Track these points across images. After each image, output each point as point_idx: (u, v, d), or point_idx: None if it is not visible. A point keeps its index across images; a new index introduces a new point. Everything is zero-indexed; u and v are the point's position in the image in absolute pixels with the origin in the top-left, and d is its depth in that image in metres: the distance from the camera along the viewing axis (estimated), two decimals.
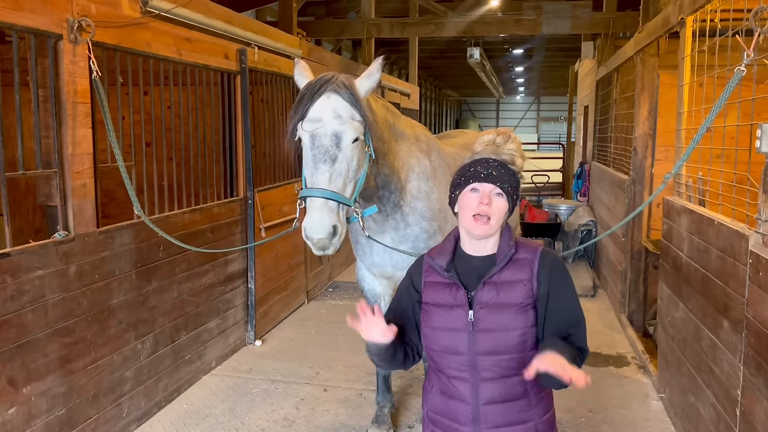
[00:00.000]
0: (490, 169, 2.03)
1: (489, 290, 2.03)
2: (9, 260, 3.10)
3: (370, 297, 3.96)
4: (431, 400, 2.17)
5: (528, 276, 2.05)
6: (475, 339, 2.02)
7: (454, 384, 2.08)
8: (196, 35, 4.72)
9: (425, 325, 2.13)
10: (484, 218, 2.01)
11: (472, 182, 2.04)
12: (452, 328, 2.05)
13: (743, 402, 2.95)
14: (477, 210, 2.01)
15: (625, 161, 6.85)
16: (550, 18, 9.82)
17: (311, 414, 4.40)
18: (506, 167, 2.06)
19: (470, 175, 2.05)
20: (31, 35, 3.25)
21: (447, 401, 2.11)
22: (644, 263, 6.01)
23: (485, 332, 2.02)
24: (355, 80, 2.83)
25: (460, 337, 2.04)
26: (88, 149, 3.63)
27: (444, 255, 2.13)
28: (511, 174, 2.05)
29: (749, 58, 2.95)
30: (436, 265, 2.13)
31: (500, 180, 2.02)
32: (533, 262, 2.06)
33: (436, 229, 3.57)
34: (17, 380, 3.19)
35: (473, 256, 2.10)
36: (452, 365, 2.07)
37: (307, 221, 2.62)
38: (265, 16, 12.23)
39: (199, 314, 4.85)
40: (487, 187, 2.02)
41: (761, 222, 2.85)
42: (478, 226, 2.02)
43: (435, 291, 2.11)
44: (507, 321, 2.01)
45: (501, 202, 2.03)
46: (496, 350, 2.02)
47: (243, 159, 5.48)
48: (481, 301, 2.03)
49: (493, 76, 30.77)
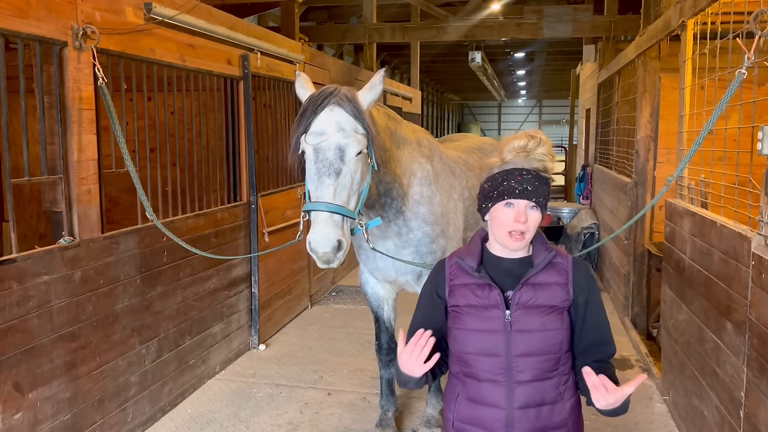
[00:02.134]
0: (525, 184, 1.99)
1: (527, 291, 2.03)
2: (15, 266, 3.11)
3: (373, 301, 3.97)
4: (458, 409, 2.11)
5: (564, 280, 2.06)
6: (511, 340, 2.00)
7: (487, 388, 2.04)
8: (200, 41, 4.75)
9: (457, 328, 2.09)
10: (518, 233, 2.00)
11: (507, 198, 2.00)
12: (488, 329, 2.03)
13: (747, 404, 2.95)
14: (513, 227, 2.00)
15: (627, 164, 6.85)
16: (552, 22, 9.83)
17: (315, 418, 4.41)
18: (540, 178, 2.03)
19: (504, 190, 2.01)
20: (37, 42, 3.27)
21: (477, 408, 2.07)
22: (647, 266, 6.01)
23: (523, 333, 2.01)
24: (358, 93, 2.84)
25: (496, 338, 2.02)
26: (93, 155, 3.65)
27: (472, 256, 2.11)
28: (544, 184, 2.03)
29: (749, 61, 2.96)
30: (466, 266, 2.10)
31: (535, 195, 2.00)
32: (568, 267, 2.08)
33: (438, 233, 3.59)
34: (23, 385, 3.20)
35: (504, 258, 2.10)
36: (486, 368, 2.03)
37: (312, 235, 2.64)
38: (267, 22, 12.28)
39: (203, 319, 4.87)
40: (522, 204, 2.00)
41: (763, 224, 2.85)
42: (513, 242, 2.01)
43: (466, 293, 2.08)
44: (545, 322, 2.01)
45: (536, 215, 2.02)
46: (533, 351, 2.01)
47: (246, 164, 5.50)
48: (518, 302, 2.02)
49: (495, 80, 30.76)
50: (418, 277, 3.64)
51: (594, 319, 2.09)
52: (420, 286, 3.76)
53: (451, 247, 3.75)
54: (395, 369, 2.12)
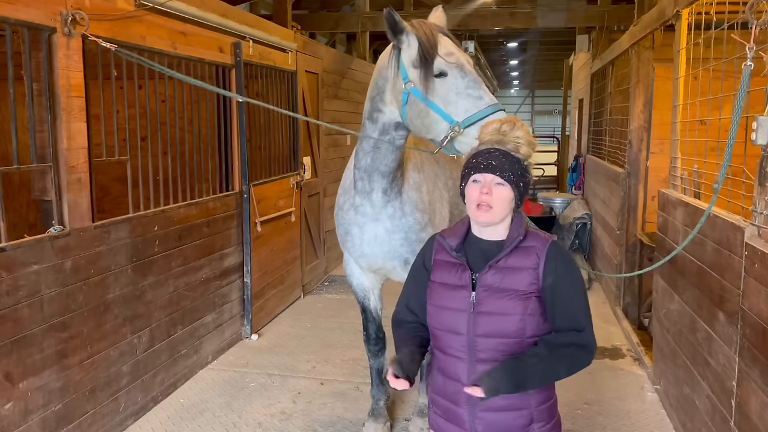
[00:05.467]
0: (490, 159, 2.05)
1: (493, 274, 2.07)
2: (4, 255, 3.08)
3: (359, 292, 3.95)
4: (433, 381, 2.23)
5: (534, 264, 2.07)
6: (475, 321, 2.07)
7: (452, 363, 2.13)
8: (191, 29, 4.69)
9: (430, 302, 2.18)
10: (485, 206, 2.05)
11: (473, 173, 2.08)
12: (454, 308, 2.10)
13: (739, 393, 2.96)
14: (478, 200, 2.06)
15: (620, 154, 6.86)
16: (545, 11, 9.80)
17: (308, 408, 4.41)
18: (509, 156, 2.07)
19: (472, 166, 2.10)
20: (25, 29, 3.22)
21: (445, 381, 2.17)
22: (639, 256, 6.03)
23: (485, 315, 2.06)
24: None
25: (460, 317, 2.09)
26: (83, 143, 3.61)
27: (455, 237, 2.18)
28: (513, 162, 2.06)
29: (752, 51, 2.93)
30: (446, 245, 2.18)
31: (500, 169, 2.04)
32: (541, 251, 2.08)
33: (427, 221, 3.57)
34: (13, 375, 3.18)
35: (484, 239, 2.15)
36: (451, 344, 2.12)
37: None
38: (259, 10, 12.17)
39: (195, 309, 4.85)
40: (488, 177, 2.06)
41: (757, 214, 2.86)
42: (480, 213, 2.06)
43: (442, 270, 2.17)
44: (507, 306, 2.04)
45: (503, 191, 2.05)
46: (493, 333, 2.05)
47: (238, 153, 5.47)
48: (484, 284, 2.07)
49: (488, 70, 30.70)
50: (405, 263, 3.63)
51: (564, 303, 2.06)
52: (407, 272, 3.75)
53: None
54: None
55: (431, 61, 2.82)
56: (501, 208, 2.06)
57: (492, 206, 2.04)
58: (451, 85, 2.82)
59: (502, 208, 2.06)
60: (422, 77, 2.85)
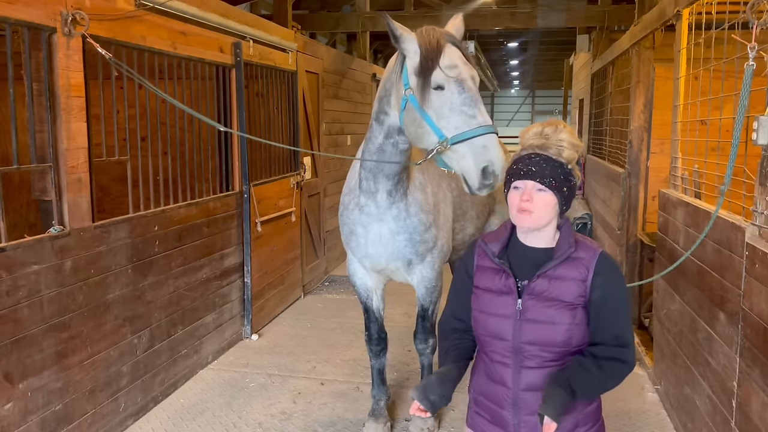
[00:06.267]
0: (530, 166, 2.03)
1: (542, 282, 2.06)
2: (4, 255, 3.08)
3: (362, 292, 3.95)
4: (477, 382, 2.23)
5: (582, 276, 2.05)
6: (521, 327, 2.06)
7: (498, 368, 2.13)
8: (191, 28, 4.69)
9: (475, 308, 2.18)
10: (526, 212, 2.04)
11: (514, 180, 2.07)
12: (500, 314, 2.09)
13: (739, 393, 2.96)
14: (519, 207, 2.05)
15: (621, 154, 6.86)
16: (545, 11, 9.79)
17: (308, 408, 4.41)
18: (550, 161, 2.03)
19: (512, 172, 2.08)
20: (25, 28, 3.22)
21: (490, 384, 2.17)
22: (639, 256, 6.02)
23: (532, 322, 2.05)
24: None
25: (506, 323, 2.08)
26: (83, 143, 3.61)
27: (497, 242, 2.17)
28: (555, 167, 2.03)
29: (754, 51, 2.92)
30: (488, 251, 2.17)
31: (540, 176, 2.02)
32: (590, 263, 2.06)
33: (431, 222, 3.57)
34: (13, 376, 3.17)
35: (529, 246, 2.13)
36: (497, 350, 2.12)
37: (498, 157, 2.69)
38: (259, 10, 12.16)
39: (195, 309, 4.84)
40: (528, 184, 2.03)
41: (757, 214, 2.85)
42: (523, 217, 2.05)
43: (486, 276, 2.16)
44: (554, 315, 2.03)
45: (544, 197, 2.03)
46: (540, 341, 2.05)
47: (238, 153, 5.46)
48: (532, 292, 2.06)
49: (488, 70, 30.70)
50: (408, 264, 3.62)
51: (611, 317, 2.05)
52: (410, 274, 3.75)
53: (442, 237, 3.73)
54: None
55: (430, 73, 2.78)
56: (542, 214, 2.04)
57: (533, 212, 2.03)
58: (447, 99, 2.77)
59: (544, 214, 2.04)
60: (420, 87, 2.82)
